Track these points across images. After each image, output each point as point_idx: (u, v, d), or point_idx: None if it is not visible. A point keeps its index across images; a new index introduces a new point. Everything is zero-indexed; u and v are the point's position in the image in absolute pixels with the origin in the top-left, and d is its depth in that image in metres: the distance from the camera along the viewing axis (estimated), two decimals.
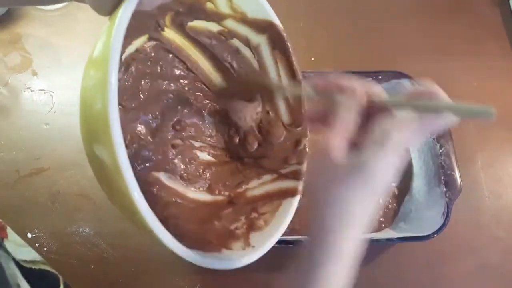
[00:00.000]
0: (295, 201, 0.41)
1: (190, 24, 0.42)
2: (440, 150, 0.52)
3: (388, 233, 0.53)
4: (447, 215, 0.48)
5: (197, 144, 0.46)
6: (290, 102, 0.45)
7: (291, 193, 0.41)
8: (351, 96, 0.29)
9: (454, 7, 0.73)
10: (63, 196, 0.57)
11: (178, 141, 0.45)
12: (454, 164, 0.52)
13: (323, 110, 0.31)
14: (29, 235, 0.54)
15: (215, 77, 0.47)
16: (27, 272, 0.32)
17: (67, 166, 0.58)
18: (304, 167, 0.43)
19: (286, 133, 0.45)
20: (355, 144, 0.28)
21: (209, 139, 0.47)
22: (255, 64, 0.45)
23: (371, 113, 0.29)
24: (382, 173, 0.27)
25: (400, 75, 0.57)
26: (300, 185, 0.42)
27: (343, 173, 0.27)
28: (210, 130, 0.48)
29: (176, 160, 0.44)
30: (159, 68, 0.43)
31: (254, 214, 0.41)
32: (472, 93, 0.65)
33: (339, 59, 0.68)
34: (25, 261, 0.33)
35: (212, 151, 0.47)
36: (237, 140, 0.47)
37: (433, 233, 0.48)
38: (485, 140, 0.62)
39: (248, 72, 0.45)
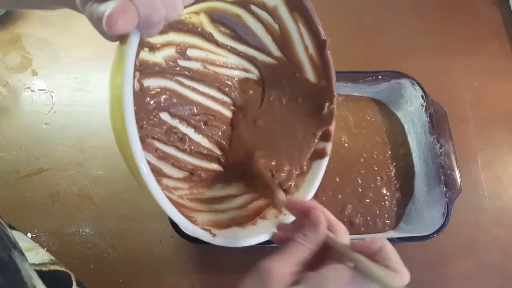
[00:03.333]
0: (324, 163, 0.42)
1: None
2: (440, 150, 0.52)
3: (388, 233, 0.53)
4: (447, 215, 0.48)
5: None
6: (314, 59, 0.44)
7: (320, 154, 0.42)
8: (313, 227, 0.29)
9: (454, 7, 0.73)
10: (63, 196, 0.57)
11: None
12: (454, 164, 0.52)
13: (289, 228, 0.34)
14: (29, 235, 0.54)
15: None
16: (38, 275, 0.32)
17: (67, 166, 0.58)
18: (332, 127, 0.43)
19: (309, 98, 0.45)
20: (297, 279, 0.27)
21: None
22: (275, 26, 0.44)
23: (325, 253, 0.29)
24: None
25: (400, 75, 0.57)
26: (329, 146, 0.42)
27: None
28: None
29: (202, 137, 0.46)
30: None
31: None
32: (472, 93, 0.65)
33: (339, 59, 0.67)
34: (34, 264, 0.33)
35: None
36: None
37: (433, 233, 0.48)
38: (485, 140, 0.62)
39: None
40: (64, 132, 0.61)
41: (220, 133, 0.46)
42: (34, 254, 0.34)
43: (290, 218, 0.38)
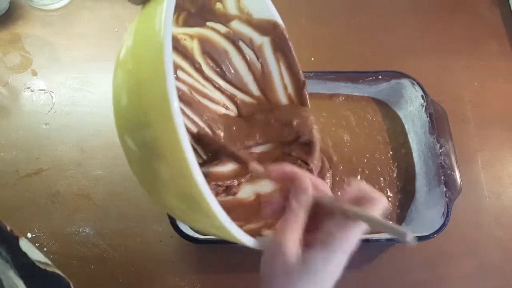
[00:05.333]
0: None
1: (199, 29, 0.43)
2: (440, 150, 0.52)
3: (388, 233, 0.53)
4: (447, 215, 0.48)
5: None
6: (292, 98, 0.46)
7: None
8: (302, 191, 0.31)
9: (454, 7, 0.73)
10: (63, 196, 0.57)
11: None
12: (454, 164, 0.52)
13: (277, 200, 0.34)
14: (29, 235, 0.54)
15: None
16: (41, 273, 0.33)
17: (67, 166, 0.58)
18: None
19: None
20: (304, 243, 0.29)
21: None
22: (257, 65, 0.46)
23: (316, 214, 0.31)
24: (331, 275, 0.28)
25: (400, 75, 0.57)
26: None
27: (294, 273, 0.28)
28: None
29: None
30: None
31: None
32: (472, 93, 0.65)
33: (339, 59, 0.68)
34: (40, 262, 0.33)
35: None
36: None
37: (433, 233, 0.48)
38: (485, 140, 0.62)
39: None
40: (64, 132, 0.61)
41: None
42: (38, 252, 0.35)
43: None
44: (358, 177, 0.56)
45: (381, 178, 0.57)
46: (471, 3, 0.73)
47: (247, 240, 0.30)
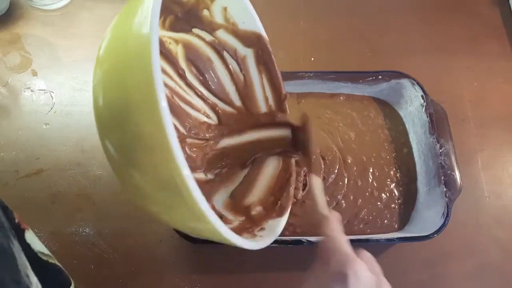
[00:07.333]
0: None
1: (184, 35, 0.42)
2: (440, 150, 0.52)
3: (389, 234, 0.53)
4: (447, 215, 0.48)
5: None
6: (273, 110, 0.47)
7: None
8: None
9: (454, 7, 0.73)
10: (63, 196, 0.57)
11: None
12: (454, 164, 0.52)
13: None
14: None
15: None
16: (43, 264, 0.33)
17: (67, 166, 0.58)
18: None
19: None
20: None
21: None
22: (240, 77, 0.46)
23: None
24: None
25: (400, 75, 0.57)
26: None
27: None
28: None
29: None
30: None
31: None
32: (472, 93, 0.65)
33: (339, 59, 0.68)
34: (43, 253, 0.34)
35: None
36: None
37: (433, 233, 0.48)
38: (485, 140, 0.62)
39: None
40: (64, 132, 0.61)
41: None
42: (41, 244, 0.35)
43: (265, 239, 0.38)
44: (370, 180, 0.56)
45: (388, 179, 0.56)
46: (471, 3, 0.73)
47: (242, 242, 0.30)
